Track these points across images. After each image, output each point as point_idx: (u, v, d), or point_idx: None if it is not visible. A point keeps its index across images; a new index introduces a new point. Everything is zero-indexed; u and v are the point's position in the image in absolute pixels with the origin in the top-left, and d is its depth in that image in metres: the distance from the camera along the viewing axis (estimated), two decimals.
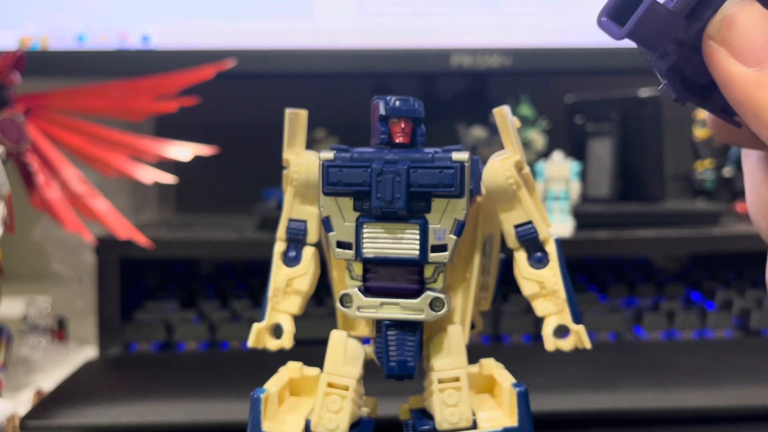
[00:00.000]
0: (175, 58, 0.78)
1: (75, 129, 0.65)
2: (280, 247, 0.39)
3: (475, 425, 0.36)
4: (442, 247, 0.34)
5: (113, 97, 0.66)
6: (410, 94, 0.36)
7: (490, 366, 0.39)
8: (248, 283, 0.75)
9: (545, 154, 0.75)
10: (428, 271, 0.35)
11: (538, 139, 0.80)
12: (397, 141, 0.35)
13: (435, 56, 0.80)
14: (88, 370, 0.60)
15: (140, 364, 0.62)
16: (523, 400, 0.35)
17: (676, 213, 0.74)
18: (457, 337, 0.36)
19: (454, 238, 0.34)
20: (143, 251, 0.64)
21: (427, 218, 0.34)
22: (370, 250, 0.35)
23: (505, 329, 0.66)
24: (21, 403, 0.54)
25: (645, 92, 0.78)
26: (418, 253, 0.34)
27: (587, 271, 0.78)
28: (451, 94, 0.91)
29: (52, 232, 0.80)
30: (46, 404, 0.51)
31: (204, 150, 0.69)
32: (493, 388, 0.38)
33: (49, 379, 0.61)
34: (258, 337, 0.39)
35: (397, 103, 0.35)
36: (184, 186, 0.80)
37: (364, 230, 0.35)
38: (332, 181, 0.34)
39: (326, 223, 0.35)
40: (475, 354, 0.38)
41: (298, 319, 0.40)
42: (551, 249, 0.37)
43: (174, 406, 0.51)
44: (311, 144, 0.65)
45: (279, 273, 0.39)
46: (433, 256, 0.34)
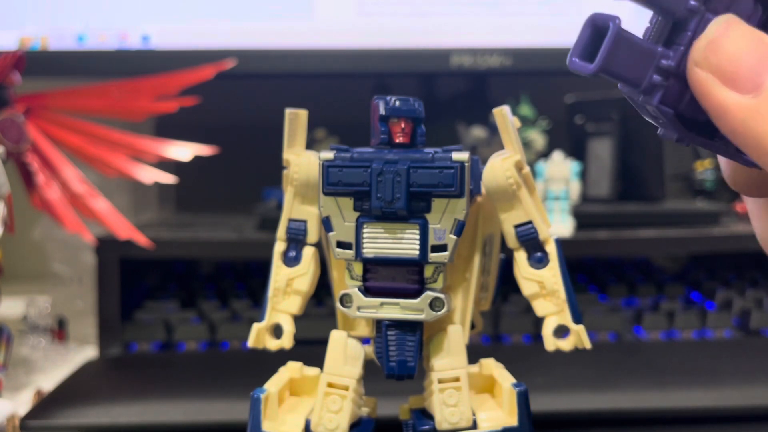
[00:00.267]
0: (175, 58, 0.78)
1: (75, 129, 0.65)
2: (280, 247, 0.39)
3: (475, 425, 0.36)
4: (442, 247, 0.34)
5: (113, 97, 0.66)
6: (410, 94, 0.36)
7: (490, 366, 0.39)
8: (248, 283, 0.75)
9: (545, 154, 0.75)
10: (428, 271, 0.35)
11: (538, 139, 0.80)
12: (397, 141, 0.35)
13: (435, 56, 0.80)
14: (88, 370, 0.60)
15: (140, 364, 0.62)
16: (523, 400, 0.35)
17: (676, 213, 0.74)
18: (457, 337, 0.36)
19: (454, 238, 0.34)
20: (143, 251, 0.64)
21: (427, 218, 0.34)
22: (370, 250, 0.35)
23: (505, 329, 0.66)
24: (21, 403, 0.54)
25: None
26: (418, 253, 0.34)
27: (587, 271, 0.78)
28: (451, 94, 0.91)
29: (52, 232, 0.80)
30: (46, 404, 0.51)
31: (204, 150, 0.69)
32: (493, 388, 0.38)
33: (49, 379, 0.61)
34: (258, 337, 0.39)
35: (397, 103, 0.35)
36: (184, 186, 0.80)
37: (364, 230, 0.35)
38: (332, 181, 0.34)
39: (326, 223, 0.35)
40: (475, 354, 0.38)
41: (298, 319, 0.40)
42: (551, 249, 0.37)
43: (174, 406, 0.51)
44: (311, 144, 0.65)
45: (279, 273, 0.39)
46: (433, 256, 0.34)
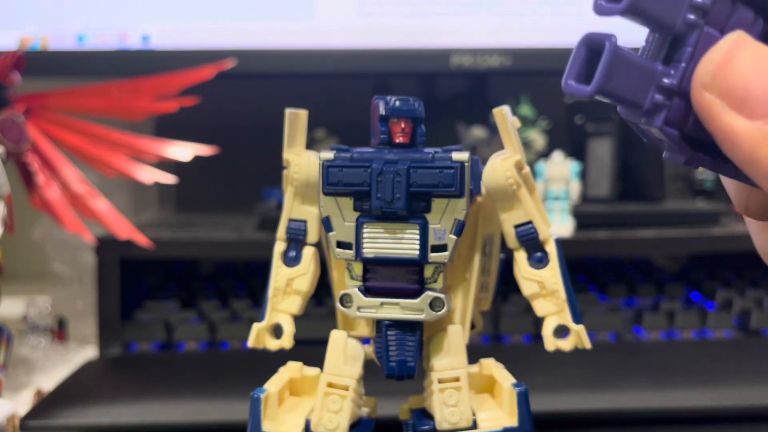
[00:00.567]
0: (175, 58, 0.78)
1: (75, 129, 0.65)
2: (280, 247, 0.39)
3: (475, 425, 0.36)
4: (442, 247, 0.34)
5: (113, 97, 0.66)
6: (410, 94, 0.36)
7: (490, 366, 0.39)
8: (248, 283, 0.75)
9: (545, 154, 0.75)
10: (428, 271, 0.35)
11: (538, 139, 0.80)
12: (397, 141, 0.35)
13: (435, 56, 0.80)
14: (88, 370, 0.60)
15: (140, 364, 0.62)
16: (523, 400, 0.35)
17: (676, 213, 0.74)
18: (457, 337, 0.36)
19: (454, 238, 0.34)
20: (143, 251, 0.64)
21: (427, 218, 0.34)
22: (370, 250, 0.35)
23: (505, 329, 0.66)
24: (21, 403, 0.54)
25: None
26: (418, 253, 0.34)
27: (587, 271, 0.78)
28: (451, 94, 0.91)
29: (52, 232, 0.80)
30: (46, 404, 0.51)
31: (204, 150, 0.69)
32: (493, 388, 0.38)
33: (49, 379, 0.61)
34: (258, 337, 0.39)
35: (397, 103, 0.35)
36: (184, 186, 0.80)
37: (364, 230, 0.35)
38: (332, 181, 0.34)
39: (326, 223, 0.35)
40: (475, 354, 0.38)
41: (298, 319, 0.40)
42: (551, 249, 0.37)
43: (174, 406, 0.51)
44: (311, 144, 0.65)
45: (279, 273, 0.39)
46: (433, 256, 0.34)
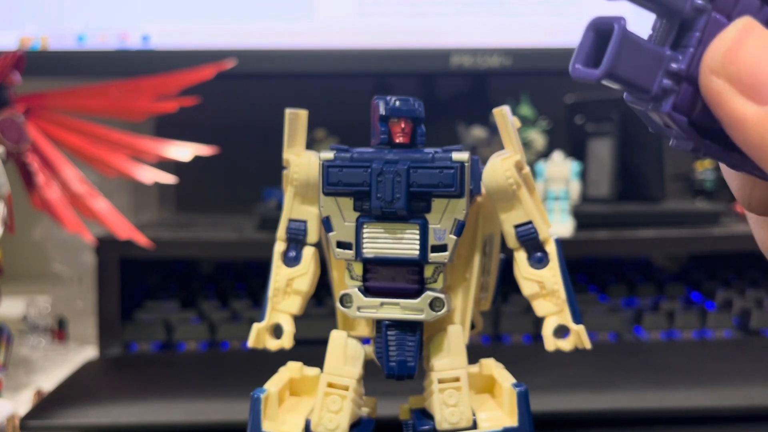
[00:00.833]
0: (175, 58, 0.78)
1: (75, 129, 0.65)
2: (280, 247, 0.39)
3: (475, 425, 0.36)
4: (442, 247, 0.34)
5: (113, 97, 0.66)
6: (410, 94, 0.36)
7: (490, 366, 0.39)
8: (248, 283, 0.75)
9: (545, 154, 0.75)
10: (428, 271, 0.35)
11: (538, 139, 0.80)
12: (397, 141, 0.35)
13: (435, 56, 0.80)
14: (88, 370, 0.60)
15: (140, 364, 0.62)
16: (523, 400, 0.35)
17: (676, 213, 0.74)
18: (457, 337, 0.36)
19: (454, 238, 0.34)
20: (143, 251, 0.64)
21: (427, 218, 0.34)
22: (370, 250, 0.35)
23: (505, 329, 0.66)
24: (21, 403, 0.54)
25: None
26: (418, 253, 0.34)
27: (587, 271, 0.78)
28: (451, 94, 0.91)
29: (52, 232, 0.80)
30: (46, 404, 0.51)
31: (204, 150, 0.69)
32: (493, 388, 0.38)
33: (49, 379, 0.61)
34: (258, 337, 0.39)
35: (397, 103, 0.35)
36: (184, 186, 0.80)
37: (364, 230, 0.35)
38: (332, 181, 0.34)
39: (326, 223, 0.35)
40: (475, 354, 0.38)
41: (298, 319, 0.40)
42: (551, 249, 0.37)
43: (174, 406, 0.51)
44: (311, 144, 0.65)
45: (279, 273, 0.39)
46: (433, 256, 0.34)
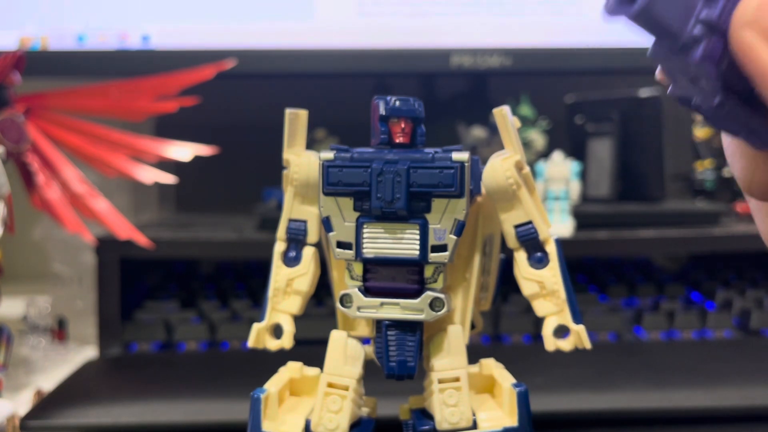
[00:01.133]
0: (175, 58, 0.78)
1: (75, 129, 0.65)
2: (280, 247, 0.39)
3: (475, 425, 0.36)
4: (442, 247, 0.34)
5: (113, 97, 0.66)
6: (410, 94, 0.36)
7: (490, 366, 0.39)
8: (248, 283, 0.75)
9: (545, 154, 0.75)
10: (428, 271, 0.35)
11: (538, 139, 0.80)
12: (397, 141, 0.35)
13: (435, 56, 0.80)
14: (88, 370, 0.60)
15: (140, 364, 0.62)
16: (523, 400, 0.35)
17: (676, 213, 0.74)
18: (457, 337, 0.36)
19: (454, 238, 0.34)
20: (143, 251, 0.64)
21: (427, 218, 0.34)
22: (370, 250, 0.35)
23: (505, 329, 0.66)
24: (21, 403, 0.54)
25: (645, 92, 0.78)
26: (418, 253, 0.34)
27: (587, 271, 0.78)
28: (451, 94, 0.91)
29: (52, 232, 0.80)
30: (46, 404, 0.51)
31: (204, 150, 0.69)
32: (493, 388, 0.38)
33: (49, 379, 0.61)
34: (258, 337, 0.39)
35: (397, 103, 0.35)
36: (184, 186, 0.80)
37: (364, 230, 0.35)
38: (332, 181, 0.34)
39: (326, 223, 0.35)
40: (475, 354, 0.38)
41: (298, 319, 0.40)
42: (551, 249, 0.37)
43: (174, 406, 0.51)
44: (311, 144, 0.65)
45: (279, 273, 0.39)
46: (433, 256, 0.34)
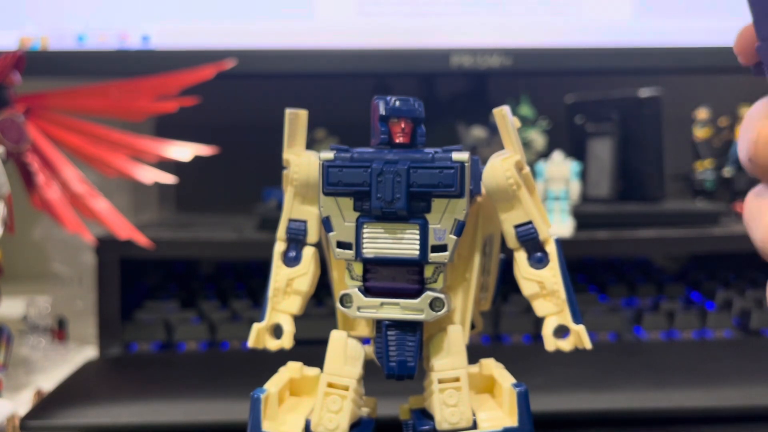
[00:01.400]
0: (175, 58, 0.78)
1: (75, 129, 0.65)
2: (280, 247, 0.39)
3: (475, 425, 0.36)
4: (442, 247, 0.34)
5: (113, 97, 0.66)
6: (410, 94, 0.36)
7: (490, 366, 0.39)
8: (248, 283, 0.75)
9: (545, 154, 0.75)
10: (428, 271, 0.35)
11: (538, 139, 0.80)
12: (397, 141, 0.35)
13: (435, 56, 0.80)
14: (88, 370, 0.60)
15: (140, 364, 0.62)
16: (523, 400, 0.35)
17: (676, 213, 0.74)
18: (457, 337, 0.36)
19: (454, 238, 0.34)
20: (143, 251, 0.64)
21: (427, 218, 0.34)
22: (370, 250, 0.35)
23: (505, 329, 0.66)
24: (21, 403, 0.54)
25: (645, 92, 0.78)
26: (418, 253, 0.34)
27: (587, 271, 0.78)
28: (451, 94, 0.91)
29: (52, 232, 0.80)
30: (46, 404, 0.51)
31: (204, 150, 0.69)
32: (493, 388, 0.38)
33: (49, 379, 0.61)
34: (258, 337, 0.39)
35: (397, 103, 0.35)
36: (184, 186, 0.80)
37: (364, 230, 0.35)
38: (332, 181, 0.34)
39: (326, 223, 0.35)
40: (475, 354, 0.38)
41: (298, 319, 0.40)
42: (551, 249, 0.37)
43: (174, 406, 0.51)
44: (311, 144, 0.65)
45: (279, 273, 0.39)
46: (433, 256, 0.34)
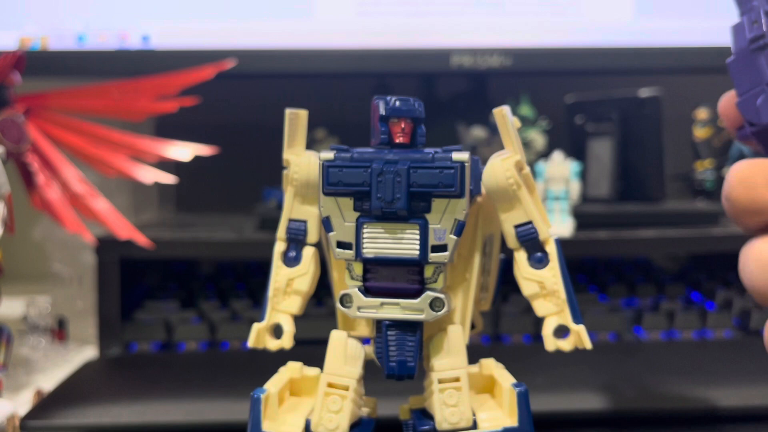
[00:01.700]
0: (175, 58, 0.78)
1: (75, 129, 0.65)
2: (280, 247, 0.39)
3: (475, 425, 0.36)
4: (443, 247, 0.34)
5: (113, 97, 0.66)
6: (410, 94, 0.36)
7: (490, 366, 0.39)
8: (248, 283, 0.75)
9: (545, 154, 0.75)
10: (428, 271, 0.35)
11: (538, 139, 0.80)
12: (397, 141, 0.35)
13: (435, 56, 0.80)
14: (88, 370, 0.60)
15: (140, 364, 0.62)
16: (523, 400, 0.35)
17: (676, 213, 0.74)
18: (457, 337, 0.36)
19: (454, 238, 0.34)
20: (143, 251, 0.64)
21: (427, 218, 0.34)
22: (370, 250, 0.35)
23: (505, 329, 0.66)
24: (21, 403, 0.54)
25: (645, 92, 0.78)
26: (418, 253, 0.34)
27: (587, 271, 0.78)
28: (451, 94, 0.91)
29: (52, 232, 0.80)
30: (46, 404, 0.51)
31: (204, 150, 0.69)
32: (493, 388, 0.38)
33: (49, 379, 0.61)
34: (258, 337, 0.39)
35: (397, 103, 0.35)
36: (184, 186, 0.80)
37: (364, 230, 0.35)
38: (332, 181, 0.34)
39: (326, 223, 0.35)
40: (475, 354, 0.38)
41: (298, 319, 0.40)
42: (551, 249, 0.37)
43: (174, 406, 0.51)
44: (311, 144, 0.65)
45: (279, 273, 0.39)
46: (434, 256, 0.34)
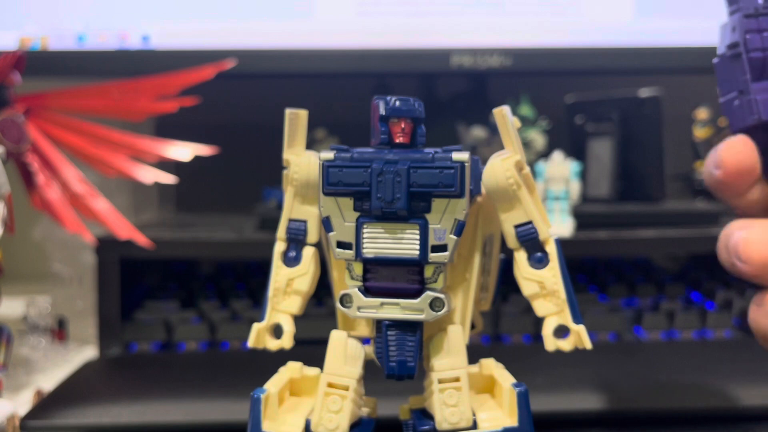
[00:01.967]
0: (175, 58, 0.78)
1: (75, 129, 0.65)
2: (280, 247, 0.39)
3: (475, 425, 0.36)
4: (443, 247, 0.34)
5: (113, 97, 0.66)
6: (410, 94, 0.36)
7: (490, 366, 0.39)
8: (248, 283, 0.75)
9: (545, 154, 0.75)
10: (428, 271, 0.35)
11: (538, 139, 0.80)
12: (397, 141, 0.35)
13: (435, 56, 0.80)
14: (88, 370, 0.60)
15: (140, 364, 0.62)
16: (523, 400, 0.35)
17: (676, 213, 0.74)
18: (457, 337, 0.36)
19: (455, 238, 0.34)
20: (143, 251, 0.64)
21: (428, 218, 0.34)
22: (370, 250, 0.35)
23: (505, 329, 0.66)
24: (21, 403, 0.54)
25: (645, 92, 0.78)
26: (418, 253, 0.34)
27: (587, 271, 0.78)
28: (451, 94, 0.91)
29: (52, 232, 0.80)
30: (46, 404, 0.51)
31: (204, 150, 0.69)
32: (493, 388, 0.38)
33: (49, 379, 0.61)
34: (258, 337, 0.39)
35: (397, 103, 0.35)
36: (184, 186, 0.80)
37: (364, 230, 0.35)
38: (332, 181, 0.34)
39: (326, 223, 0.35)
40: (475, 354, 0.38)
41: (298, 319, 0.40)
42: (551, 249, 0.37)
43: (174, 406, 0.51)
44: (311, 144, 0.65)
45: (279, 273, 0.39)
46: (434, 256, 0.34)
